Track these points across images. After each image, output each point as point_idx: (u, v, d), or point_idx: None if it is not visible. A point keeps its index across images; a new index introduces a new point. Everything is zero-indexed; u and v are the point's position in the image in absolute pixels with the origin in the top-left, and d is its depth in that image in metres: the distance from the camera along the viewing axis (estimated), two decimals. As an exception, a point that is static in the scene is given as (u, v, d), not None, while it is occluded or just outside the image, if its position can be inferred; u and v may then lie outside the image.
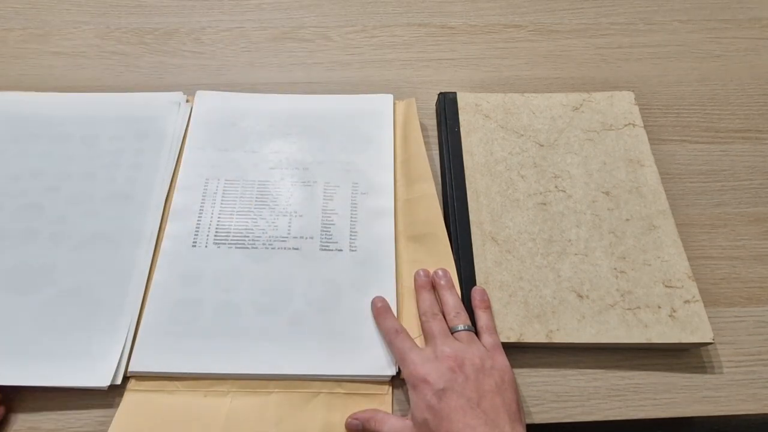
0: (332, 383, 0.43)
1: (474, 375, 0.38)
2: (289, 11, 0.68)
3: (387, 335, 0.43)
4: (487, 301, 0.44)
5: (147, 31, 0.65)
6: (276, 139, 0.55)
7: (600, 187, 0.51)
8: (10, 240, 0.48)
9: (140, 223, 0.49)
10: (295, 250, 0.48)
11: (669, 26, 0.68)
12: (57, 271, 0.47)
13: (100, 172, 0.52)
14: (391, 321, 0.43)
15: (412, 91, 0.61)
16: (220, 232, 0.49)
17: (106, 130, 0.55)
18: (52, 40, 0.64)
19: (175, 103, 0.57)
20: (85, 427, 0.41)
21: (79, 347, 0.43)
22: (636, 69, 0.63)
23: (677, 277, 0.46)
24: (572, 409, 0.43)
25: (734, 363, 0.45)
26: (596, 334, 0.43)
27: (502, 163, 0.52)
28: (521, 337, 0.43)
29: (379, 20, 0.67)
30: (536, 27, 0.67)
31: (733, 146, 0.57)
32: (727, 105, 0.60)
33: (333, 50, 0.64)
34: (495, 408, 0.37)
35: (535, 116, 0.55)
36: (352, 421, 0.40)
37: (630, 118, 0.55)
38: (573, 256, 0.47)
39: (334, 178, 0.53)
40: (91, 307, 0.45)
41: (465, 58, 0.64)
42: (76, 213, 0.50)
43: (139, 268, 0.47)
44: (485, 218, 0.49)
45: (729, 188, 0.54)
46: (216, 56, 0.63)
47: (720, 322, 0.46)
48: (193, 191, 0.51)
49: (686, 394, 0.44)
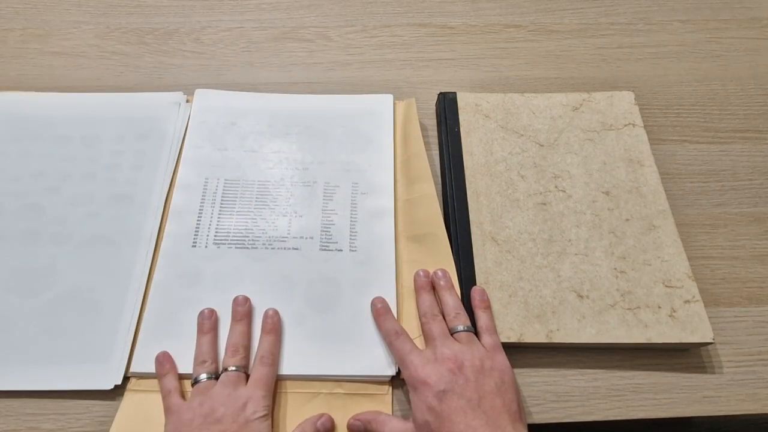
0: (332, 383, 0.43)
1: (474, 376, 0.38)
2: (289, 11, 0.68)
3: (387, 337, 0.43)
4: (486, 301, 0.44)
5: (147, 31, 0.65)
6: (276, 138, 0.55)
7: (600, 187, 0.51)
8: (10, 241, 0.48)
9: (140, 224, 0.49)
10: (295, 250, 0.48)
11: (669, 26, 0.68)
12: (57, 272, 0.47)
13: (100, 172, 0.52)
14: (391, 322, 0.43)
15: (412, 91, 0.61)
16: (220, 232, 0.49)
17: (106, 131, 0.55)
18: (52, 40, 0.64)
19: (175, 103, 0.57)
20: (85, 427, 0.41)
21: (80, 348, 0.43)
22: (636, 69, 0.63)
23: (677, 277, 0.46)
24: (572, 409, 0.43)
25: (734, 363, 0.45)
26: (596, 334, 0.43)
27: (502, 163, 0.52)
28: (521, 338, 0.43)
29: (379, 20, 0.67)
30: (536, 27, 0.67)
31: (733, 146, 0.57)
32: (727, 105, 0.60)
33: (333, 50, 0.64)
34: (495, 408, 0.37)
35: (535, 116, 0.55)
36: (354, 423, 0.40)
37: (630, 118, 0.55)
38: (573, 256, 0.47)
39: (334, 178, 0.53)
40: (91, 308, 0.45)
41: (465, 58, 0.64)
42: (77, 214, 0.50)
43: (139, 269, 0.47)
44: (485, 218, 0.49)
45: (729, 188, 0.54)
46: (216, 56, 0.63)
47: (720, 322, 0.46)
48: (192, 191, 0.51)
49: (686, 394, 0.44)
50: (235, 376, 0.40)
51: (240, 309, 0.44)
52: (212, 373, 0.41)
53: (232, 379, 0.40)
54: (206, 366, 0.41)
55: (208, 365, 0.41)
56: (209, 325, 0.44)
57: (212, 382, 0.40)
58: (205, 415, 0.38)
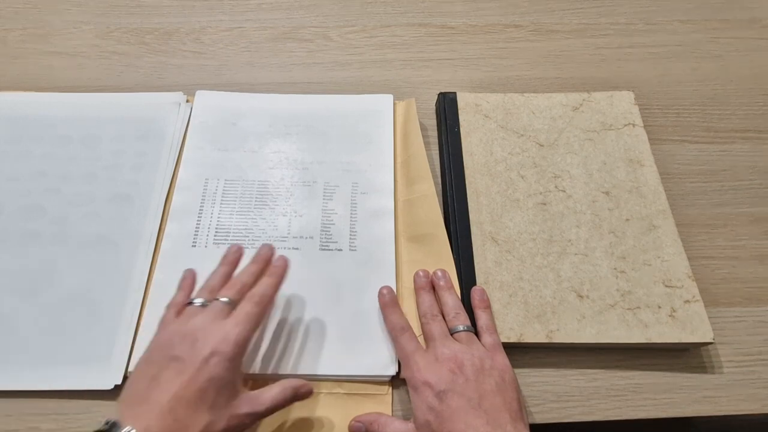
0: (332, 383, 0.43)
1: (474, 375, 0.38)
2: (289, 11, 0.68)
3: (392, 331, 0.43)
4: (486, 300, 0.44)
5: (147, 31, 0.65)
6: (276, 139, 0.55)
7: (600, 187, 0.51)
8: (10, 241, 0.48)
9: (140, 224, 0.49)
10: (295, 249, 0.48)
11: (669, 26, 0.68)
12: (57, 272, 0.47)
13: (100, 172, 0.52)
14: (398, 317, 0.43)
15: (412, 91, 0.61)
16: (220, 232, 0.49)
17: (107, 131, 0.55)
18: (52, 40, 0.64)
19: (175, 103, 0.57)
20: (85, 427, 0.41)
21: (80, 348, 0.43)
22: (636, 69, 0.63)
23: (677, 277, 0.46)
24: (572, 409, 0.43)
25: (734, 363, 0.45)
26: (596, 334, 0.43)
27: (502, 163, 0.52)
28: (521, 338, 0.43)
29: (379, 20, 0.67)
30: (536, 27, 0.67)
31: (733, 146, 0.57)
32: (727, 105, 0.60)
33: (333, 50, 0.64)
34: (496, 408, 0.37)
35: (535, 116, 0.55)
36: (356, 424, 0.40)
37: (630, 118, 0.55)
38: (573, 256, 0.47)
39: (333, 178, 0.53)
40: (91, 308, 0.45)
41: (465, 58, 0.64)
42: (77, 214, 0.50)
43: (139, 269, 0.47)
44: (485, 218, 0.49)
45: (729, 188, 0.54)
46: (216, 56, 0.63)
47: (720, 322, 0.46)
48: (193, 191, 0.51)
49: (686, 394, 0.44)
50: (220, 307, 0.38)
51: (263, 252, 0.43)
52: (208, 302, 0.39)
53: (216, 308, 0.38)
54: (205, 293, 0.40)
55: (207, 294, 0.40)
56: (230, 259, 0.43)
57: (201, 309, 0.39)
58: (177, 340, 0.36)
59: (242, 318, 0.37)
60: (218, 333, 0.36)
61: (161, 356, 0.36)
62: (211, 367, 0.35)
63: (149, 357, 0.37)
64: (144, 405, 0.33)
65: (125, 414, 0.33)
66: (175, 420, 0.33)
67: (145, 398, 0.34)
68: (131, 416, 0.33)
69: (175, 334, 0.37)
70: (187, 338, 0.36)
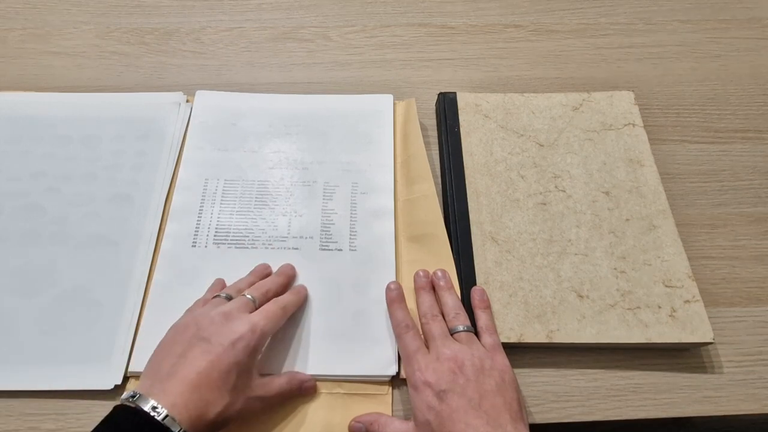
0: (332, 383, 0.43)
1: (474, 376, 0.38)
2: (289, 11, 0.68)
3: (396, 328, 0.43)
4: (486, 301, 0.44)
5: (147, 31, 0.65)
6: (276, 139, 0.55)
7: (600, 187, 0.51)
8: (10, 241, 0.48)
9: (140, 224, 0.49)
10: (295, 249, 0.48)
11: (669, 26, 0.68)
12: (57, 272, 0.47)
13: (100, 172, 0.52)
14: (403, 314, 0.43)
15: (412, 91, 0.61)
16: (220, 232, 0.49)
17: (107, 131, 0.55)
18: (52, 40, 0.64)
19: (175, 103, 0.57)
20: (85, 427, 0.41)
21: (80, 348, 0.43)
22: (636, 69, 0.63)
23: (677, 277, 0.46)
24: (572, 409, 0.43)
25: (734, 363, 0.45)
26: (596, 334, 0.43)
27: (502, 163, 0.52)
28: (521, 338, 0.43)
29: (379, 20, 0.67)
30: (536, 27, 0.67)
31: (733, 146, 0.57)
32: (727, 105, 0.60)
33: (333, 50, 0.64)
34: (496, 408, 0.37)
35: (535, 116, 0.55)
36: (356, 425, 0.40)
37: (630, 118, 0.55)
38: (573, 256, 0.47)
39: (333, 177, 0.53)
40: (91, 308, 0.45)
41: (465, 58, 0.64)
42: (77, 214, 0.50)
43: (139, 269, 0.47)
44: (485, 218, 0.49)
45: (729, 188, 0.54)
46: (216, 56, 0.63)
47: (720, 322, 0.46)
48: (192, 191, 0.51)
49: (686, 394, 0.44)
50: (245, 301, 0.41)
51: (286, 269, 0.46)
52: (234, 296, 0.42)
53: (241, 302, 0.41)
54: (232, 290, 0.43)
55: (233, 291, 0.43)
56: (257, 270, 0.46)
57: (227, 300, 0.41)
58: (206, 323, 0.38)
59: (267, 314, 0.40)
60: (246, 321, 0.38)
61: (189, 336, 0.37)
62: (238, 351, 0.37)
63: (174, 337, 0.38)
64: (170, 381, 0.35)
65: (150, 389, 0.34)
66: (200, 398, 0.34)
67: (172, 374, 0.35)
68: (157, 391, 0.34)
69: (203, 317, 0.39)
70: (216, 322, 0.38)
